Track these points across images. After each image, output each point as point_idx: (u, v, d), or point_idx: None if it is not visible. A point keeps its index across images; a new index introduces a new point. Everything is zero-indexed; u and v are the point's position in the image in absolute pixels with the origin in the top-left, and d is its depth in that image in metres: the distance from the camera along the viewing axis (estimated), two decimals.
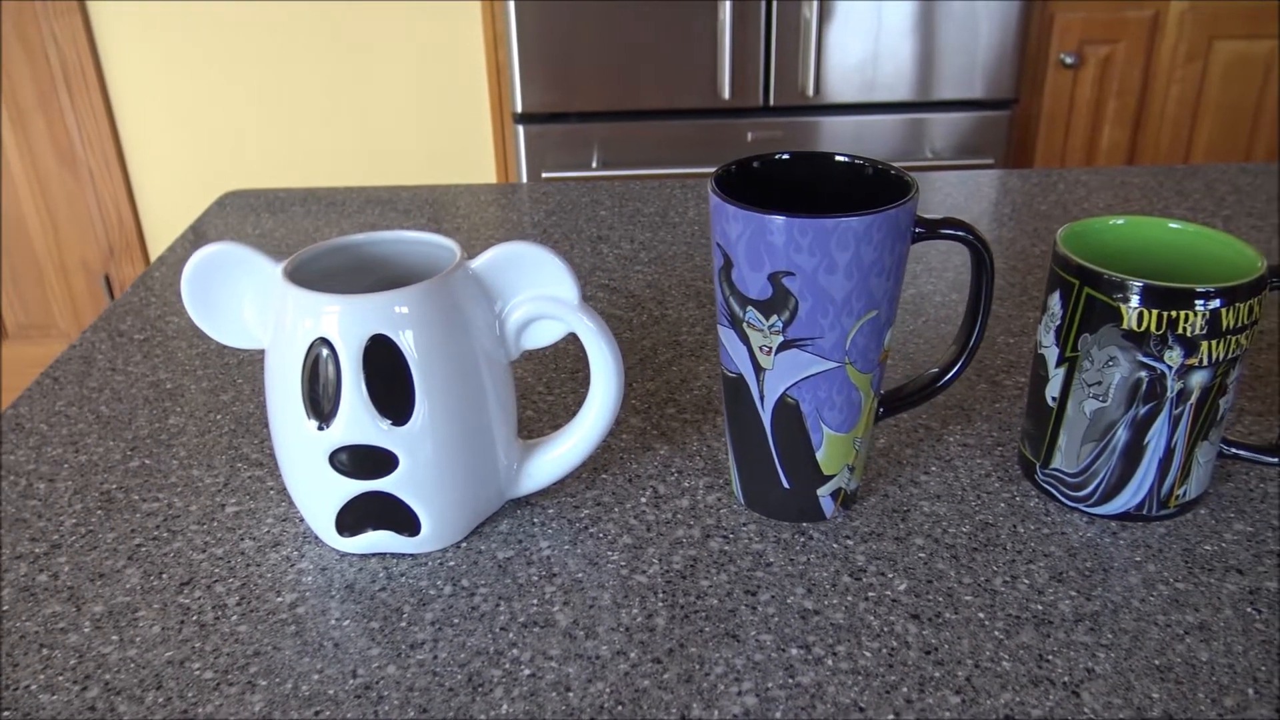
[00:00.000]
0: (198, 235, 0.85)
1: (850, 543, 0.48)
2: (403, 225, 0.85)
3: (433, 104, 2.13)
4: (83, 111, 2.10)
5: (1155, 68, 1.97)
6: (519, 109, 1.91)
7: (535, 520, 0.50)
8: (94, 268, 2.26)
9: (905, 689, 0.40)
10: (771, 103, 1.92)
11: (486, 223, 0.86)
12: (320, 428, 0.44)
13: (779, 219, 0.41)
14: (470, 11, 2.08)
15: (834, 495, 0.48)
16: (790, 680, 0.40)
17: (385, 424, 0.44)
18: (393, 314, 0.43)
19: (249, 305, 0.46)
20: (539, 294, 0.46)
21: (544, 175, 1.94)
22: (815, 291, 0.42)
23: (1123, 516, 0.48)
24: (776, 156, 0.47)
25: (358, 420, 0.43)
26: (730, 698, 0.40)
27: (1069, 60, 1.94)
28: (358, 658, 0.42)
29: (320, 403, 0.44)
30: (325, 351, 0.43)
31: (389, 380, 0.43)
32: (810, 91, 1.89)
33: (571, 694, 0.40)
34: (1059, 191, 0.89)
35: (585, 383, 0.62)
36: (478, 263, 0.46)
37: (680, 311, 0.70)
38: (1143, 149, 2.06)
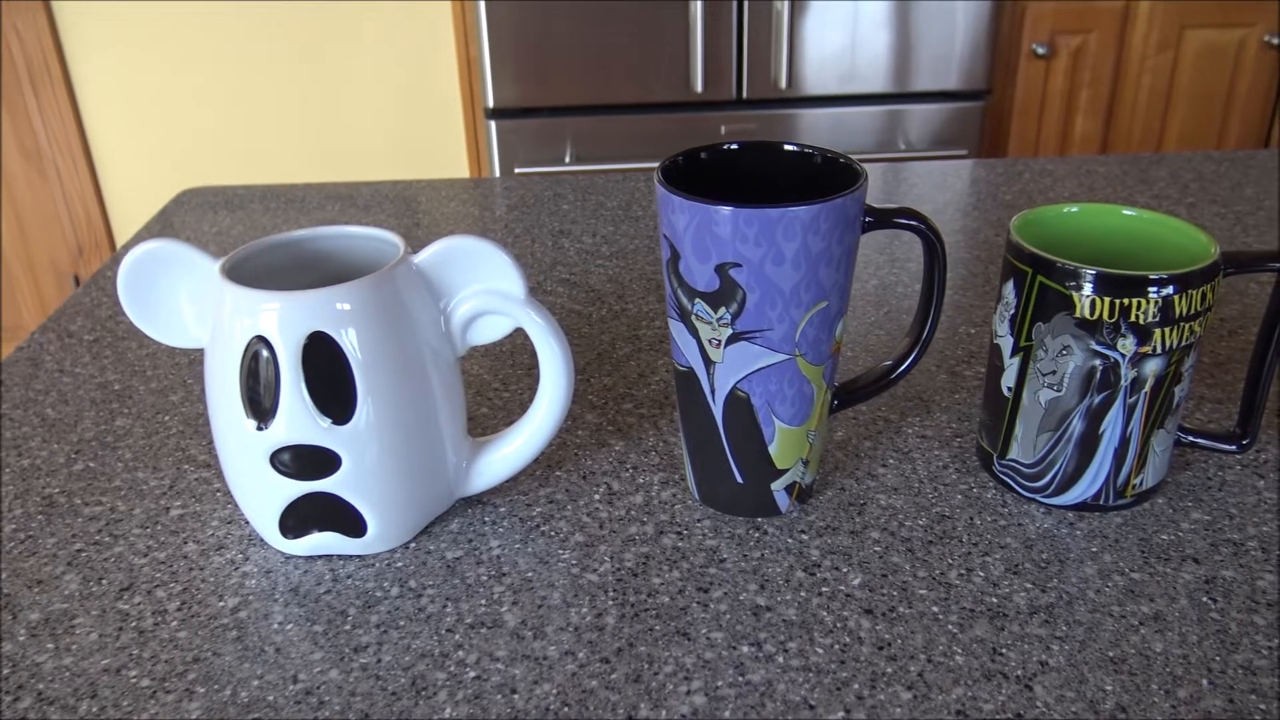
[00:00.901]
0: (153, 234, 0.83)
1: (805, 537, 0.47)
2: (361, 221, 0.84)
3: (405, 100, 2.12)
4: (48, 109, 2.07)
5: (1127, 57, 1.97)
6: (490, 104, 1.90)
7: (486, 519, 0.49)
8: (63, 268, 2.23)
9: (857, 685, 0.39)
10: (745, 96, 1.92)
11: (447, 218, 0.85)
12: (259, 428, 0.43)
13: (724, 209, 0.40)
14: (441, 7, 2.06)
15: (789, 489, 0.48)
16: (740, 678, 0.40)
17: (326, 423, 0.43)
18: (332, 311, 0.42)
19: (187, 304, 0.45)
20: (484, 288, 0.46)
21: (517, 171, 1.93)
22: (763, 283, 0.42)
23: (1080, 507, 0.48)
24: (725, 147, 0.47)
25: (298, 420, 0.42)
26: (679, 697, 0.39)
27: (1041, 51, 1.94)
28: (299, 662, 0.41)
29: (259, 402, 0.43)
30: (263, 350, 0.42)
31: (329, 379, 0.42)
32: (783, 84, 1.89)
33: (517, 696, 0.39)
34: (1024, 181, 0.89)
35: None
36: (421, 257, 0.45)
37: (640, 305, 0.69)
38: (1115, 138, 2.06)
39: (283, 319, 0.41)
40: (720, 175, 0.47)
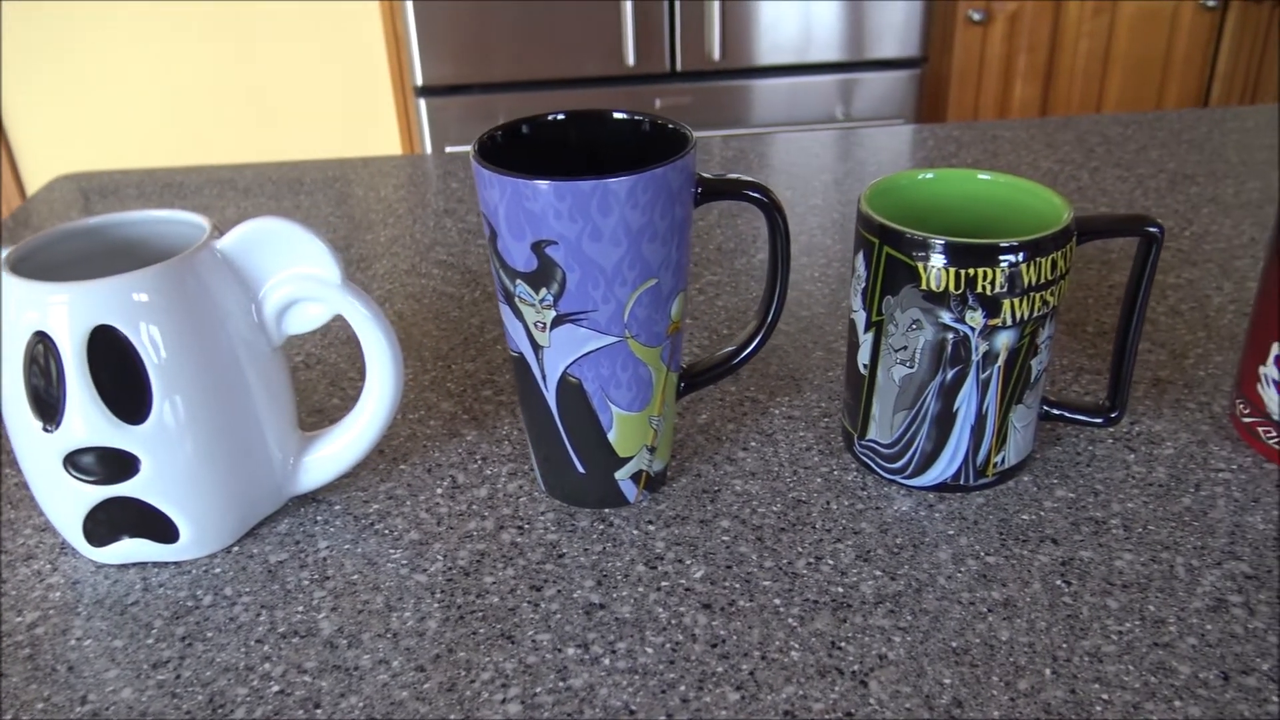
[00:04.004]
0: (18, 224, 0.80)
1: (652, 528, 0.45)
2: (241, 205, 0.80)
3: (333, 81, 2.06)
4: None
5: (1063, 22, 1.95)
6: (419, 82, 1.85)
7: (318, 518, 0.46)
8: None
9: (683, 687, 0.37)
10: (679, 68, 1.88)
11: (330, 200, 0.81)
12: (47, 429, 0.40)
13: (533, 183, 0.38)
14: None
15: (635, 478, 0.45)
16: (561, 684, 0.37)
17: (120, 423, 0.40)
18: (120, 302, 0.39)
19: None
20: (297, 274, 0.43)
21: (448, 150, 1.89)
22: (582, 261, 0.39)
23: (940, 487, 0.46)
24: (550, 118, 0.44)
25: (88, 420, 0.39)
26: (492, 707, 0.36)
27: (977, 17, 1.92)
28: (91, 681, 0.38)
29: (45, 403, 0.39)
30: (44, 346, 0.39)
31: (120, 375, 0.39)
32: (716, 56, 1.86)
33: (320, 711, 0.37)
34: (928, 148, 0.86)
35: None
36: (224, 243, 0.42)
37: None
38: (1054, 103, 2.04)
39: (61, 312, 0.38)
40: (551, 149, 0.45)
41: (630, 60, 1.84)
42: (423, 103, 1.88)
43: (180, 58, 2.02)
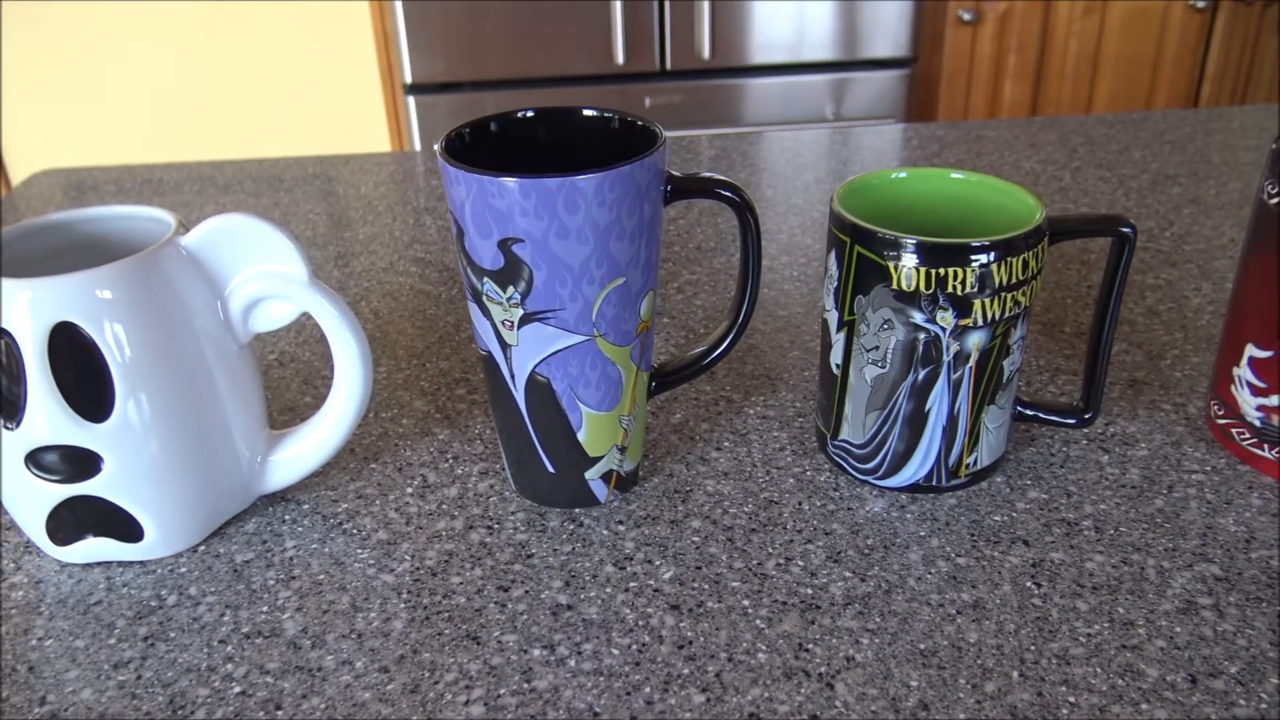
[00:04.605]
0: None
1: (622, 529, 0.44)
2: (219, 202, 0.80)
3: (323, 79, 2.06)
4: None
5: (1053, 22, 1.95)
6: (409, 80, 1.85)
7: (286, 517, 0.46)
8: None
9: (648, 689, 0.37)
10: (668, 67, 1.88)
11: (310, 197, 0.81)
12: (8, 427, 0.39)
13: (499, 180, 0.37)
14: None
15: (605, 478, 0.45)
16: (526, 685, 0.37)
17: (82, 421, 0.39)
18: (81, 299, 0.38)
19: None
20: (264, 271, 0.42)
21: (436, 147, 1.88)
22: (549, 259, 0.39)
23: (912, 488, 0.46)
24: (518, 115, 0.43)
25: (50, 418, 0.39)
26: (455, 708, 0.36)
27: (967, 17, 1.92)
28: (51, 682, 0.38)
29: (6, 400, 0.39)
30: (5, 343, 0.38)
31: (82, 372, 0.39)
32: (706, 55, 1.85)
33: (281, 712, 0.36)
34: (912, 148, 0.86)
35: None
36: (190, 239, 0.41)
37: None
38: (1045, 103, 2.04)
39: (23, 309, 0.38)
40: (521, 147, 0.44)
41: (620, 59, 1.84)
42: (412, 100, 1.87)
43: (169, 55, 2.01)
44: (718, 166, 0.84)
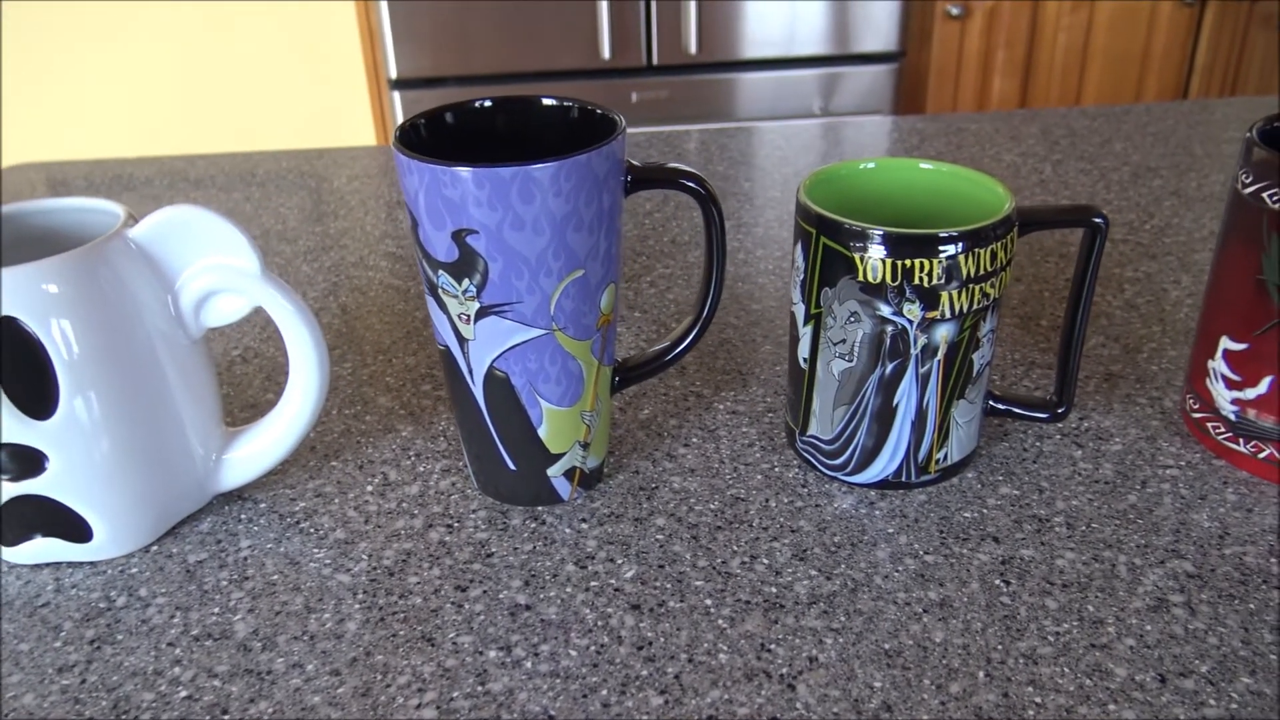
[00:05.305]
0: None
1: (585, 526, 0.43)
2: (190, 196, 0.79)
3: (307, 74, 2.04)
4: None
5: (1042, 17, 1.94)
6: (394, 75, 1.84)
7: (242, 516, 0.45)
8: None
9: (605, 691, 0.36)
10: (655, 62, 1.87)
11: (281, 191, 0.80)
12: None
13: (451, 169, 0.36)
14: None
15: (568, 475, 0.44)
16: (480, 688, 0.36)
17: (25, 418, 0.38)
18: (25, 292, 0.37)
19: None
20: (215, 264, 0.41)
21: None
22: (504, 250, 0.38)
23: (881, 485, 0.45)
24: (476, 104, 0.42)
25: None
26: (406, 711, 0.35)
27: (955, 11, 1.91)
28: None
29: None
30: None
31: (25, 368, 0.38)
32: (693, 49, 1.84)
33: (227, 716, 0.35)
34: (892, 141, 0.85)
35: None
36: (138, 231, 0.40)
37: None
38: (1033, 98, 2.04)
39: None
40: (481, 138, 0.43)
41: (606, 54, 1.83)
42: (397, 95, 1.86)
43: (154, 50, 2.00)
44: (697, 159, 0.83)
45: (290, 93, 2.06)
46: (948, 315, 0.41)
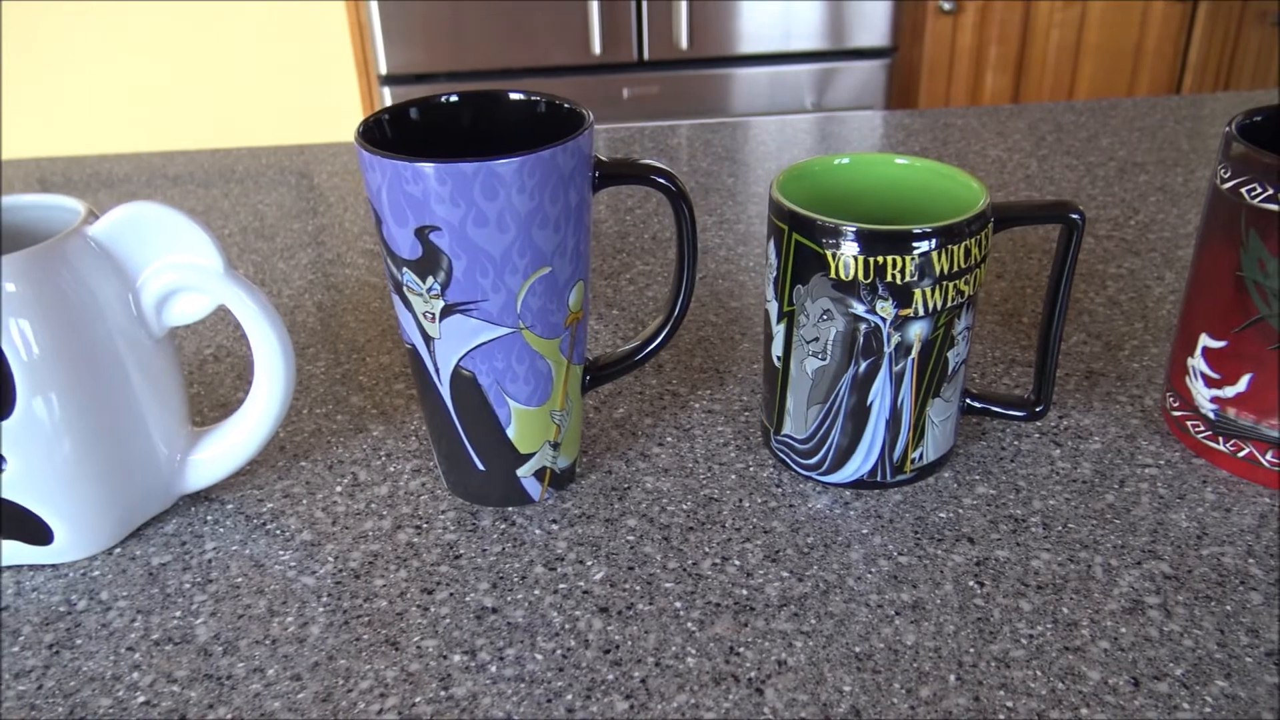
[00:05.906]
0: None
1: (555, 528, 0.43)
2: (169, 193, 0.78)
3: (298, 69, 2.03)
4: None
5: (1034, 13, 1.94)
6: (384, 70, 1.83)
7: (208, 518, 0.44)
8: None
9: (570, 696, 0.35)
10: (646, 58, 1.86)
11: (260, 187, 0.79)
12: None
13: (413, 165, 0.36)
14: None
15: (539, 476, 0.43)
16: (443, 693, 0.35)
17: None
18: None
19: None
20: (176, 262, 0.40)
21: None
22: (467, 248, 0.37)
23: (856, 484, 0.44)
24: (442, 99, 0.42)
25: None
26: (367, 717, 0.35)
27: (947, 7, 1.90)
28: None
29: None
30: None
31: None
32: (684, 45, 1.83)
33: None
34: (877, 136, 0.84)
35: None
36: (98, 228, 0.40)
37: None
38: (1026, 94, 2.03)
39: None
40: (448, 135, 0.43)
41: (597, 49, 1.82)
42: (387, 91, 1.85)
43: (144, 45, 1.99)
44: (680, 155, 0.82)
45: (280, 89, 2.05)
46: (921, 312, 0.40)
